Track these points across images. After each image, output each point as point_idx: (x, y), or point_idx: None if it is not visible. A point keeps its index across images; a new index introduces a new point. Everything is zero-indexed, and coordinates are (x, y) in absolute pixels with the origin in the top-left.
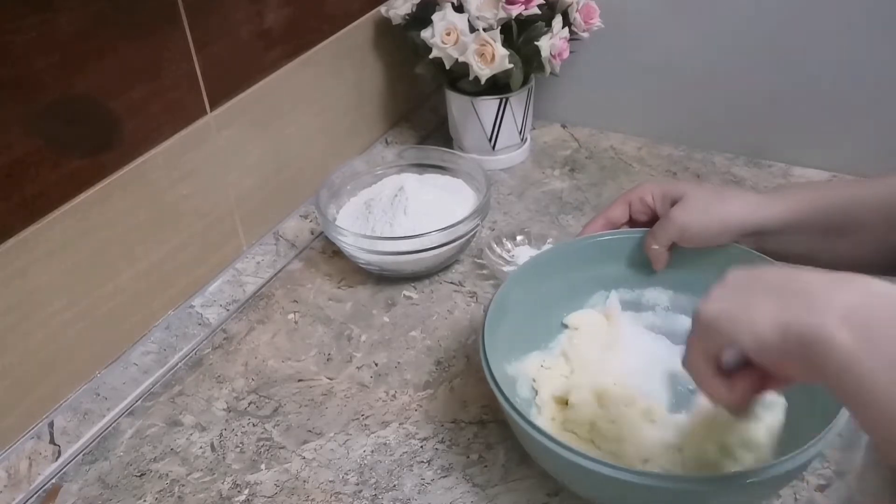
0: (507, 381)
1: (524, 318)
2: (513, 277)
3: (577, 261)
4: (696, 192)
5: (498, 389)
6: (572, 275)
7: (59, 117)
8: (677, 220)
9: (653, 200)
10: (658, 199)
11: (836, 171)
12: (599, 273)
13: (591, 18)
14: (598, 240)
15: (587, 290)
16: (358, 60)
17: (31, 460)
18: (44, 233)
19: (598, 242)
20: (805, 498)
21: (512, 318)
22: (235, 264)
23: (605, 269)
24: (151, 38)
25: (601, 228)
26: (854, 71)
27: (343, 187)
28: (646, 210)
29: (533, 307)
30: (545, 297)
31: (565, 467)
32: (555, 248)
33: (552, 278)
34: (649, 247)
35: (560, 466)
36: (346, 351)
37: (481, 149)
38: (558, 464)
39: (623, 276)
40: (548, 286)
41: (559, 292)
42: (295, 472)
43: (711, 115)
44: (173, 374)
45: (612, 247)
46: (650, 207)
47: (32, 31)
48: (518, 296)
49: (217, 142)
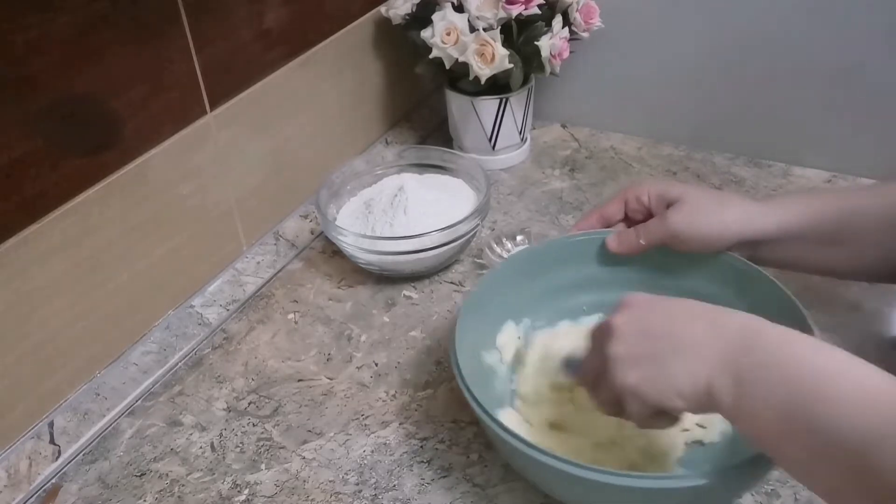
0: (484, 371)
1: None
2: (487, 276)
3: (558, 260)
4: (692, 197)
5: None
6: (551, 275)
7: (59, 117)
8: (671, 224)
9: (648, 200)
10: (654, 199)
11: (836, 171)
12: (582, 274)
13: (591, 18)
14: (580, 239)
15: (565, 293)
16: (358, 60)
17: (31, 460)
18: (44, 233)
19: (581, 242)
20: (805, 498)
21: (481, 314)
22: (235, 264)
23: (587, 270)
24: (151, 37)
25: (595, 224)
26: (854, 71)
27: (343, 187)
28: (641, 209)
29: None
30: (522, 298)
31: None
32: (537, 246)
33: (532, 277)
34: (636, 242)
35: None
36: (346, 351)
37: (481, 149)
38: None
39: (603, 277)
40: (526, 285)
41: (536, 293)
42: (295, 471)
43: (711, 115)
44: (173, 374)
45: (593, 247)
46: (646, 206)
47: (32, 31)
48: (492, 294)
49: (217, 142)
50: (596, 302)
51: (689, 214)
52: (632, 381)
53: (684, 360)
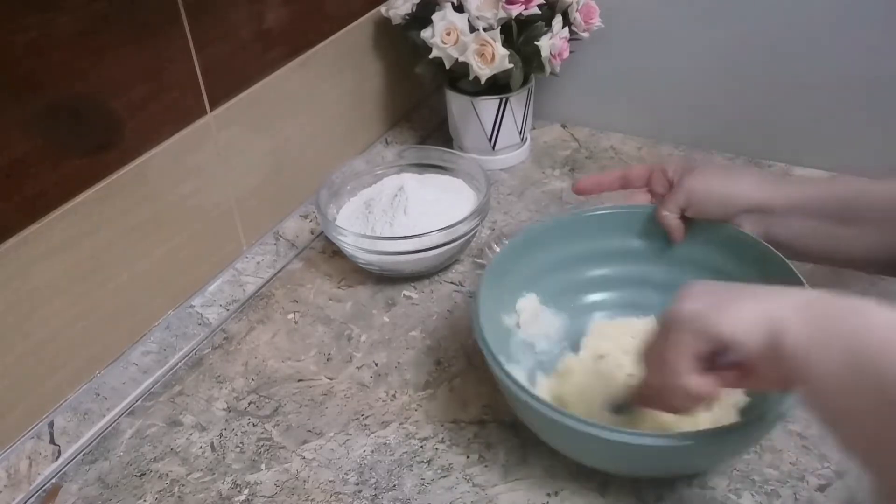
0: (502, 331)
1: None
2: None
3: (580, 232)
4: (711, 166)
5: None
6: (574, 246)
7: (59, 117)
8: (685, 183)
9: (673, 174)
10: (677, 174)
11: (836, 171)
12: (603, 246)
13: (591, 18)
14: (603, 213)
15: (588, 263)
16: (358, 60)
17: (31, 460)
18: (44, 233)
19: (604, 216)
20: (805, 498)
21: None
22: (235, 264)
23: (609, 243)
24: (151, 38)
25: (616, 182)
26: (854, 71)
27: (343, 187)
28: (665, 184)
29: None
30: (549, 264)
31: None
32: (560, 217)
33: (553, 247)
34: (660, 213)
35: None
36: (346, 351)
37: (481, 149)
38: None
39: (629, 250)
40: (549, 253)
41: (558, 262)
42: (295, 471)
43: (711, 115)
44: (173, 374)
45: (619, 220)
46: (670, 181)
47: (33, 31)
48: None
49: (217, 142)
50: (614, 276)
51: (705, 178)
52: (694, 306)
53: (755, 299)
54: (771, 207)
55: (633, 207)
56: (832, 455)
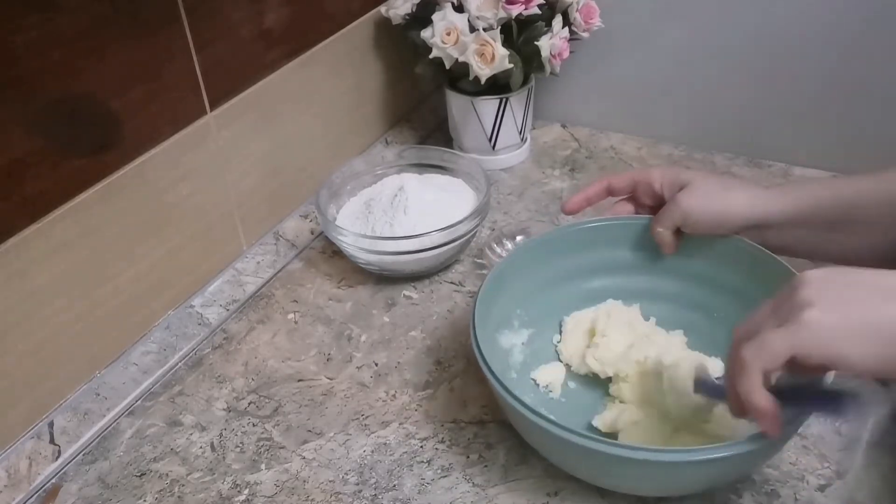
0: (499, 352)
1: (523, 294)
2: (511, 256)
3: (577, 245)
4: (702, 180)
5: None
6: (570, 260)
7: (59, 117)
8: (681, 203)
9: (661, 188)
10: (666, 187)
11: (836, 171)
12: (601, 258)
13: (591, 18)
14: (598, 225)
15: (588, 275)
16: (358, 60)
17: (31, 460)
18: (44, 233)
19: (598, 227)
20: (805, 498)
21: (507, 294)
22: (235, 264)
23: (608, 255)
24: (151, 38)
25: (601, 192)
26: (854, 71)
27: (343, 187)
28: (652, 195)
29: (532, 285)
30: (546, 277)
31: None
32: (557, 230)
33: (552, 260)
34: (654, 229)
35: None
36: (346, 351)
37: (481, 149)
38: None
39: (627, 262)
40: (548, 268)
41: (559, 275)
42: (295, 471)
43: (711, 115)
44: (173, 373)
45: (614, 232)
46: (657, 194)
47: (32, 31)
48: (516, 273)
49: (217, 142)
50: (611, 287)
51: (700, 196)
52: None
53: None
54: (767, 223)
55: (628, 219)
56: (832, 455)
